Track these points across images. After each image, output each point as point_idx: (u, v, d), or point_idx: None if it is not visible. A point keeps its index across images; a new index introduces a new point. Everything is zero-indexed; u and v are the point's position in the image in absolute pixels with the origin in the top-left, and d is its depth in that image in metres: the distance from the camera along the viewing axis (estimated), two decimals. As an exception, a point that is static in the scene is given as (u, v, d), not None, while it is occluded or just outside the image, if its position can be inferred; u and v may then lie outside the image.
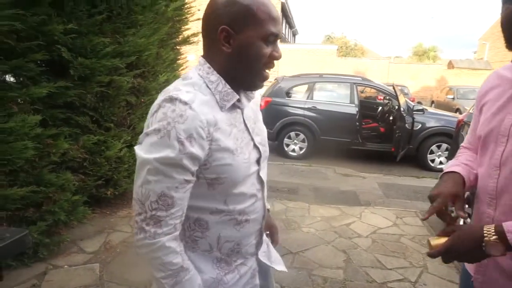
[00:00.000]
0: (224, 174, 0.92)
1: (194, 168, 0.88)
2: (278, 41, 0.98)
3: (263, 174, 1.08)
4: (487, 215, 1.07)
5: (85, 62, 2.87)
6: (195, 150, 0.85)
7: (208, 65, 0.95)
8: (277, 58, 0.96)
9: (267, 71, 0.98)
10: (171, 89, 0.90)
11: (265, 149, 1.09)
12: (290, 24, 30.19)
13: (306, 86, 7.46)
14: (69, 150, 2.95)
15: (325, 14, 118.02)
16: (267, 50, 0.93)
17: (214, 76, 0.94)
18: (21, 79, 2.64)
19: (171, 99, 0.86)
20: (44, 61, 2.76)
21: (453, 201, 1.06)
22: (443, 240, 0.98)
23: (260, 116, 1.15)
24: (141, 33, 3.43)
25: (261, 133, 1.10)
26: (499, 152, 1.05)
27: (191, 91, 0.89)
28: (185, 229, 0.98)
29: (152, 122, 0.86)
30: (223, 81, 0.95)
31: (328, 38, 40.41)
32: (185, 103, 0.85)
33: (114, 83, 3.23)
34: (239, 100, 0.98)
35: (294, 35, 35.65)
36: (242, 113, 1.02)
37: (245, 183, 0.99)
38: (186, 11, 4.51)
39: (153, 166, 0.84)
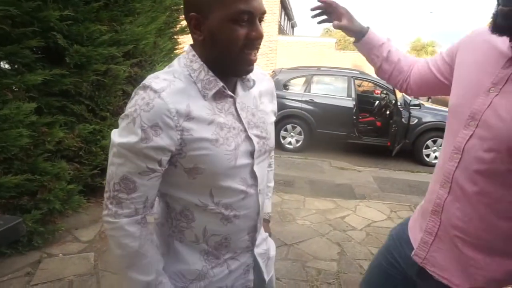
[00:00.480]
0: (201, 164, 0.89)
1: (159, 157, 0.86)
2: (258, 18, 0.88)
3: (259, 169, 1.00)
4: (438, 195, 1.06)
5: (81, 50, 2.84)
6: (160, 139, 0.84)
7: (193, 52, 0.92)
8: (256, 38, 0.87)
9: (251, 52, 0.89)
10: (150, 77, 0.89)
11: (264, 142, 1.01)
12: (289, 16, 29.95)
13: (303, 79, 7.44)
14: (64, 139, 2.93)
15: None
16: (241, 31, 0.85)
17: (197, 64, 0.91)
18: (16, 66, 2.61)
19: (144, 87, 0.86)
20: (40, 48, 2.72)
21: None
22: None
23: (266, 107, 1.07)
24: (139, 21, 3.39)
25: (263, 125, 1.02)
26: (464, 135, 1.00)
27: (168, 79, 0.88)
28: (172, 218, 0.99)
29: (126, 108, 0.88)
30: (206, 69, 0.91)
31: (327, 31, 40.23)
32: (155, 91, 0.84)
33: (110, 71, 3.20)
34: (226, 88, 0.92)
35: (293, 27, 35.43)
36: (235, 102, 0.96)
37: (231, 177, 0.94)
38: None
39: (117, 149, 0.87)
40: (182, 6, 4.54)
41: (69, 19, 2.71)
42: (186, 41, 4.91)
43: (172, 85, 0.87)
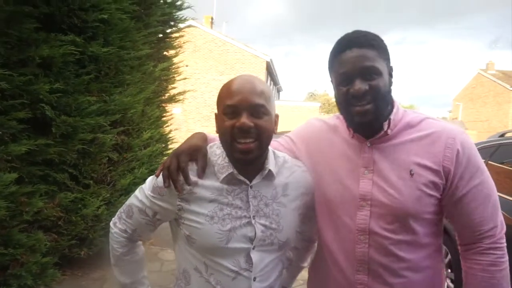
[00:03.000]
0: (194, 235, 1.01)
1: (155, 210, 1.07)
2: (248, 111, 0.96)
3: (258, 257, 1.02)
4: (360, 281, 1.07)
5: (68, 120, 2.88)
6: (160, 200, 1.05)
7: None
8: (240, 128, 0.95)
9: (241, 142, 0.96)
10: None
11: (272, 233, 1.03)
12: (274, 81, 31.42)
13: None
14: (44, 209, 2.85)
15: (308, 72, 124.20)
16: (228, 123, 0.97)
17: (219, 150, 1.06)
18: (0, 136, 2.62)
19: None
20: (26, 118, 2.75)
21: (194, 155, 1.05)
22: None
23: (289, 201, 1.09)
24: (128, 92, 3.50)
25: (275, 217, 1.05)
26: (363, 216, 1.06)
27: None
28: (179, 274, 1.11)
29: None
30: (224, 155, 1.04)
31: (311, 95, 42.08)
32: None
33: (97, 140, 3.23)
34: (238, 174, 1.01)
35: (278, 91, 37.02)
36: (249, 189, 1.03)
37: (223, 255, 1.00)
38: (173, 70, 4.68)
39: (139, 189, 1.13)
40: (171, 76, 4.77)
41: (59, 91, 2.79)
42: (174, 104, 5.06)
43: (194, 165, 1.03)
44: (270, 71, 25.22)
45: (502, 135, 3.45)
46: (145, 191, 1.07)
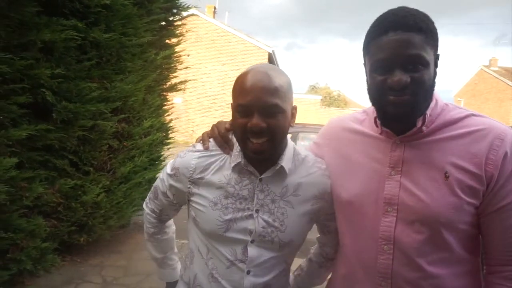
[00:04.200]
0: (198, 218, 1.05)
1: (171, 192, 1.13)
2: (262, 111, 0.93)
3: (256, 252, 1.01)
4: None
5: (69, 106, 2.87)
6: (175, 181, 1.09)
7: None
8: (251, 129, 0.93)
9: (253, 141, 0.94)
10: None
11: (273, 231, 1.01)
12: (276, 74, 31.27)
13: (289, 136, 7.57)
14: (44, 194, 2.85)
15: (310, 65, 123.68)
16: (241, 120, 0.96)
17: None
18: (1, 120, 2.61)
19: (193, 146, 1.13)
20: (27, 103, 2.74)
21: None
22: None
23: (299, 202, 1.04)
24: (129, 79, 3.48)
25: (280, 216, 1.02)
26: (388, 222, 0.93)
27: (215, 147, 1.08)
28: (186, 254, 1.15)
29: None
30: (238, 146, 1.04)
31: (312, 88, 41.88)
32: (194, 151, 1.08)
33: (97, 127, 3.22)
34: (247, 165, 1.01)
35: (280, 83, 36.82)
36: (257, 182, 1.02)
37: (222, 242, 1.02)
38: (175, 59, 4.64)
39: (161, 173, 1.18)
40: (173, 65, 4.72)
41: (60, 76, 2.77)
42: (175, 94, 5.04)
43: (213, 151, 1.07)
44: (272, 63, 25.07)
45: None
46: (166, 171, 1.13)
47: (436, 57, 0.91)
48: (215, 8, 22.00)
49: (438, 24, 0.91)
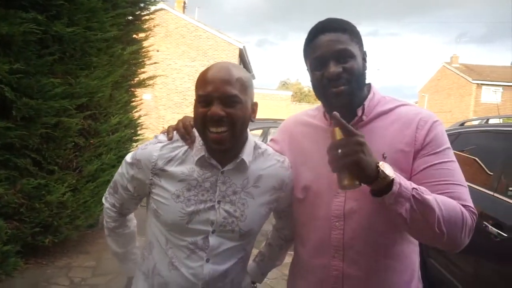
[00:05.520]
0: (160, 210, 1.06)
1: (132, 185, 1.13)
2: (221, 100, 0.97)
3: (217, 241, 1.04)
4: (335, 268, 1.07)
5: (30, 103, 2.75)
6: (134, 173, 1.10)
7: None
8: (211, 117, 0.96)
9: (213, 130, 0.97)
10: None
11: (234, 221, 1.04)
12: (247, 69, 31.26)
13: (260, 131, 7.63)
14: (4, 195, 2.73)
15: (281, 61, 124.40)
16: (201, 110, 0.99)
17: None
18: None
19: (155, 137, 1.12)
20: (-16, 100, 2.61)
21: None
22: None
23: (259, 193, 1.09)
24: (95, 74, 3.38)
25: (240, 206, 1.06)
26: (338, 202, 1.06)
27: (178, 140, 1.09)
28: (144, 246, 1.16)
29: None
30: (200, 138, 1.06)
31: (283, 84, 42.24)
32: (156, 142, 1.08)
33: (61, 124, 3.10)
34: (210, 158, 1.04)
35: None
36: (219, 175, 1.05)
37: (183, 233, 1.04)
38: (143, 54, 4.54)
39: (122, 163, 1.17)
40: (141, 60, 4.61)
41: (19, 72, 2.65)
42: (144, 90, 4.93)
43: (175, 143, 1.08)
44: (243, 59, 25.04)
45: (462, 124, 3.60)
46: (127, 162, 1.13)
47: (363, 53, 1.10)
48: (184, 3, 21.64)
49: (406, 23, 0.97)
